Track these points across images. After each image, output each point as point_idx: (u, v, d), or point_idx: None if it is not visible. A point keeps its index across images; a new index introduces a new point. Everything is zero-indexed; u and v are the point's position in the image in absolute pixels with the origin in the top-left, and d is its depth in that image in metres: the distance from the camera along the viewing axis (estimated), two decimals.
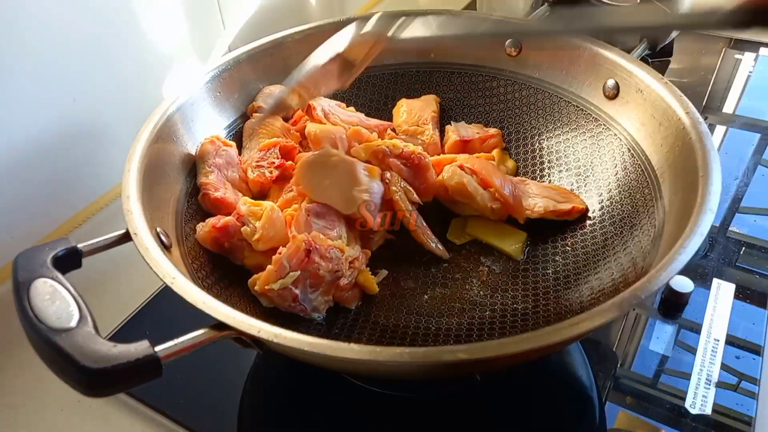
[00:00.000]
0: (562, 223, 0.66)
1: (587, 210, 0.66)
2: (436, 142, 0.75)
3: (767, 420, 0.55)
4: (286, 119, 0.73)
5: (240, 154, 0.69)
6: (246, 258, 0.60)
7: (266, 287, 0.55)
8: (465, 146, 0.74)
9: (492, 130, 0.76)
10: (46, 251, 0.44)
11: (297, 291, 0.55)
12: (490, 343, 0.38)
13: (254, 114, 0.70)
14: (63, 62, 0.67)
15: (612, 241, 0.61)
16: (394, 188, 0.63)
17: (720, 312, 0.64)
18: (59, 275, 0.42)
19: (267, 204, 0.60)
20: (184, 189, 0.61)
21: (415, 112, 0.76)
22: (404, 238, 0.66)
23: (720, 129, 0.92)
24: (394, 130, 0.76)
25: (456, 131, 0.75)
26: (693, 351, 0.60)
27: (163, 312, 0.66)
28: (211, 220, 0.59)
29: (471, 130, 0.75)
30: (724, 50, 1.07)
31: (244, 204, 0.60)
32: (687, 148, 0.54)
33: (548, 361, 0.60)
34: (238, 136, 0.70)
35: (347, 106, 0.76)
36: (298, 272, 0.55)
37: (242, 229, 0.58)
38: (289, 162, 0.67)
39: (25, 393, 0.60)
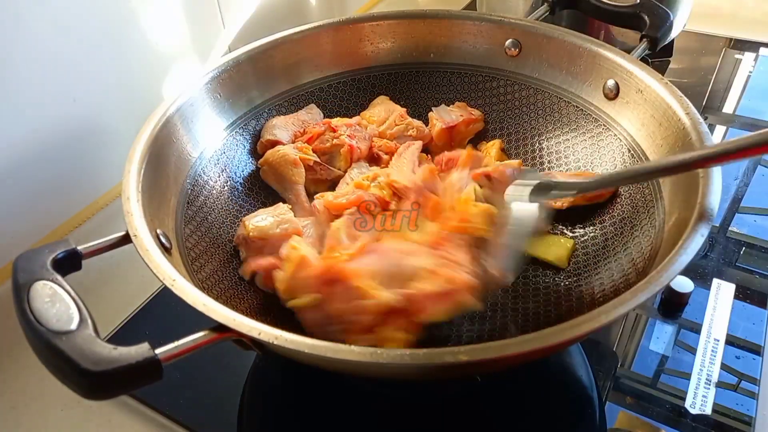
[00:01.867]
0: (562, 223, 0.66)
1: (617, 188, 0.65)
2: (423, 129, 0.75)
3: (767, 420, 0.55)
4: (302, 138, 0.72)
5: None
6: (287, 302, 0.55)
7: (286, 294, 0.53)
8: (451, 132, 0.74)
9: (475, 113, 0.76)
10: (45, 253, 0.43)
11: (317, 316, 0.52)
12: (492, 345, 0.38)
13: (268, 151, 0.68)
14: (63, 62, 0.67)
15: (612, 241, 0.61)
16: None
17: (720, 312, 0.64)
18: (59, 277, 0.42)
19: (303, 251, 0.54)
20: (184, 190, 0.61)
21: (383, 115, 0.76)
22: None
23: (720, 129, 0.92)
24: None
25: (440, 118, 0.75)
26: (693, 351, 0.61)
27: (162, 313, 0.66)
28: (251, 264, 0.58)
29: (455, 113, 0.76)
30: (724, 50, 1.07)
31: (285, 246, 0.56)
32: (687, 149, 0.54)
33: (548, 362, 0.60)
34: (236, 141, 0.71)
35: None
36: (317, 296, 0.52)
37: (274, 272, 0.55)
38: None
39: (25, 393, 0.60)
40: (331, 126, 0.72)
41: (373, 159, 0.73)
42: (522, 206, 0.58)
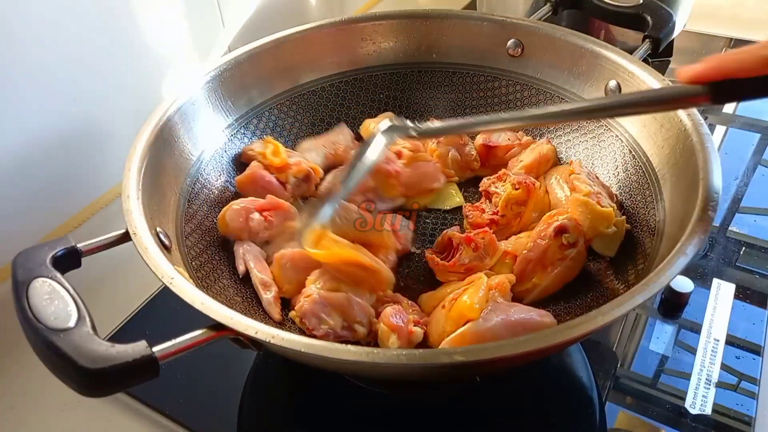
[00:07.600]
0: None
1: None
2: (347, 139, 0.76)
3: (767, 420, 0.55)
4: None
5: None
6: None
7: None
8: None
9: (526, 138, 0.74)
10: (45, 251, 0.44)
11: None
12: (488, 346, 0.38)
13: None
14: (63, 62, 0.67)
15: None
16: None
17: (720, 312, 0.64)
18: (58, 275, 0.42)
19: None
20: (184, 189, 0.61)
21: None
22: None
23: (720, 129, 0.92)
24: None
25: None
26: (693, 351, 0.60)
27: (163, 312, 0.66)
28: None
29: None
30: (724, 50, 1.07)
31: None
32: (688, 150, 0.54)
33: (548, 362, 0.60)
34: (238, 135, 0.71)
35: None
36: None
37: None
38: None
39: (25, 393, 0.61)
40: None
41: None
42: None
